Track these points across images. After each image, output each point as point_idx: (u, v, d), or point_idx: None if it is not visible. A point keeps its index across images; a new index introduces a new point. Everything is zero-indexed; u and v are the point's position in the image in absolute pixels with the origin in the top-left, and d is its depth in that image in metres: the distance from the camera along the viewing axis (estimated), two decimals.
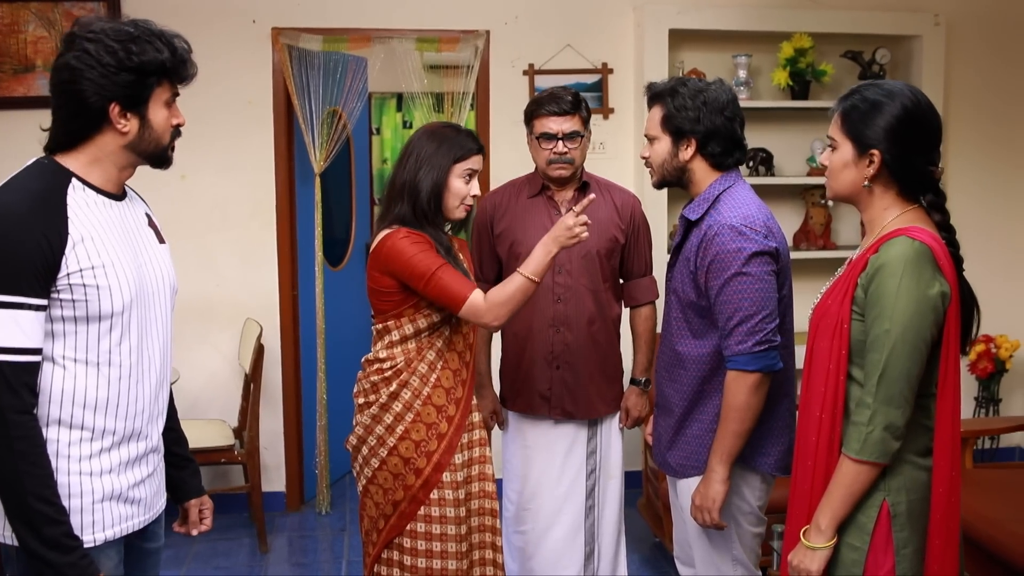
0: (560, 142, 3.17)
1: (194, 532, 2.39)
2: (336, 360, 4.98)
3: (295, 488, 5.02)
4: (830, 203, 5.04)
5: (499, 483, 3.51)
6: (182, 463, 2.34)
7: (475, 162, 2.80)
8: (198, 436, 4.42)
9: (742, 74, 4.90)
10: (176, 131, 2.09)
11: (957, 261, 2.08)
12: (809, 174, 5.07)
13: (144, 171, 2.16)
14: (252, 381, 4.47)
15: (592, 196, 2.72)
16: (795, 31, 4.85)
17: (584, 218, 2.64)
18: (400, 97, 7.66)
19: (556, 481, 3.34)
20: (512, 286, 2.66)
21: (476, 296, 2.67)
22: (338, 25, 4.75)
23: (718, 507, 2.60)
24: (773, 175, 5.03)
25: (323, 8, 4.77)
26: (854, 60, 5.00)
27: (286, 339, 4.90)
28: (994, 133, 5.27)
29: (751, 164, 4.96)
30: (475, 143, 2.81)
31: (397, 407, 2.79)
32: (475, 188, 2.81)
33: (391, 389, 2.79)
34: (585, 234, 2.65)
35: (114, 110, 1.96)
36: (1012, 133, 5.29)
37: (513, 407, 3.41)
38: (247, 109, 4.77)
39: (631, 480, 4.22)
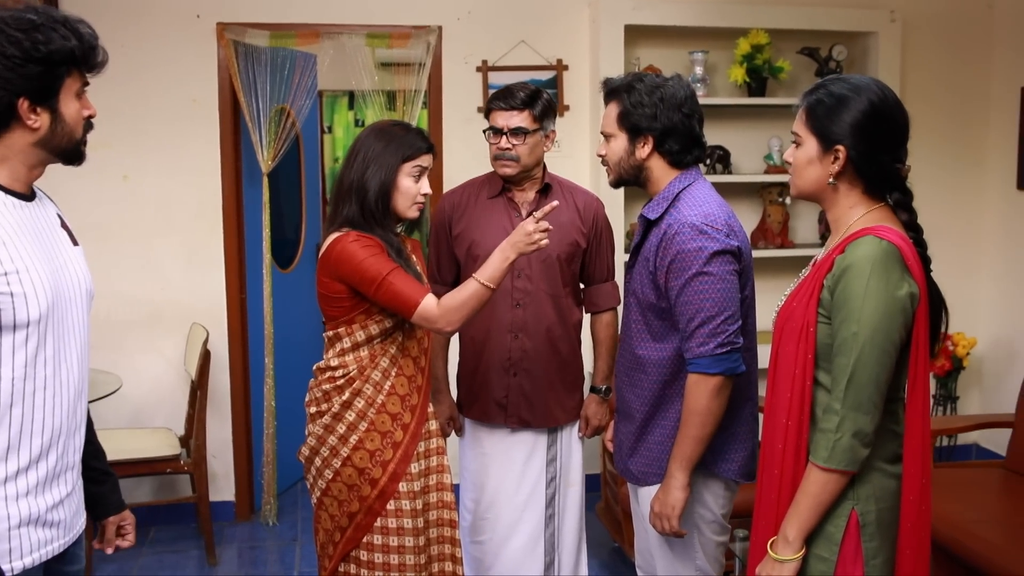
0: (504, 137, 3.08)
1: (109, 550, 2.25)
2: (285, 365, 4.85)
3: (244, 498, 4.88)
4: (788, 201, 5.02)
5: (457, 492, 3.42)
6: (101, 477, 2.20)
7: (425, 160, 2.71)
8: (143, 445, 4.32)
9: (698, 71, 4.84)
10: (88, 123, 1.96)
11: (925, 261, 2.01)
12: (767, 172, 5.03)
13: (85, 172, 2.03)
14: (198, 388, 4.33)
15: (555, 203, 2.66)
16: (751, 27, 4.81)
17: (545, 224, 2.57)
18: (352, 95, 7.54)
19: (515, 490, 3.24)
20: (466, 292, 2.58)
21: (428, 301, 2.58)
22: (286, 20, 4.62)
23: (677, 514, 2.51)
24: (730, 173, 4.98)
25: (270, 3, 4.63)
26: (811, 57, 4.97)
27: (234, 344, 4.76)
28: (949, 129, 5.26)
29: (708, 162, 4.90)
30: (424, 141, 2.72)
31: (350, 416, 2.69)
32: (425, 187, 2.72)
33: (344, 398, 2.69)
34: (545, 241, 2.57)
35: (23, 105, 1.83)
36: (967, 129, 5.30)
37: (469, 414, 3.31)
38: (191, 107, 4.63)
39: (590, 484, 4.12)
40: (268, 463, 4.81)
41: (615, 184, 2.71)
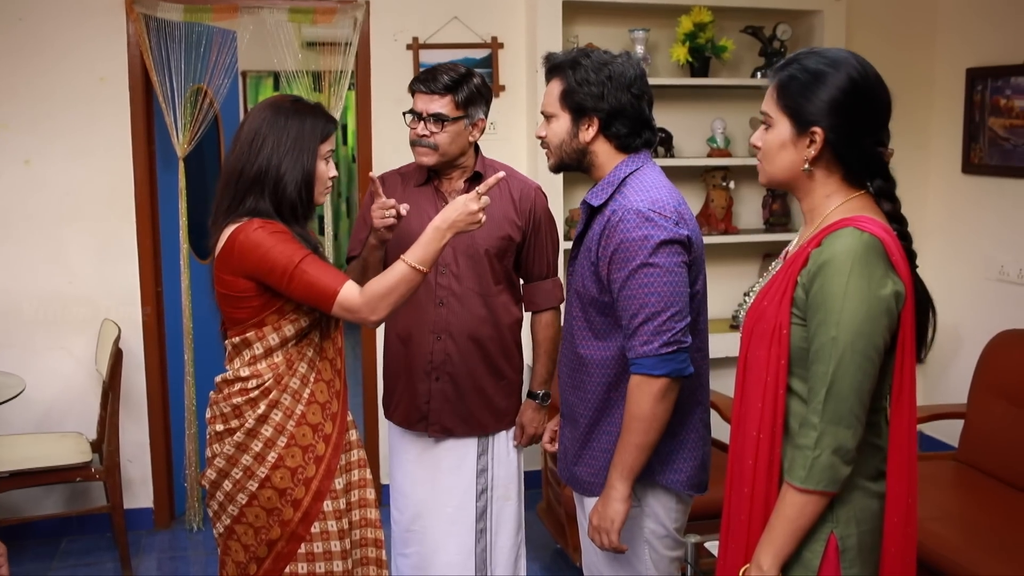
0: (422, 123, 2.83)
1: None
2: (205, 362, 4.55)
3: (164, 504, 4.58)
4: (731, 185, 4.86)
5: (388, 497, 3.19)
6: None
7: (333, 141, 2.47)
8: (50, 452, 4.03)
9: (639, 49, 4.63)
10: None
11: (910, 255, 1.82)
12: (710, 155, 4.85)
13: None
14: (110, 389, 4.03)
15: (501, 174, 2.42)
16: (694, 4, 4.61)
17: (487, 200, 2.33)
18: (277, 76, 7.23)
19: (443, 501, 3.00)
20: (393, 276, 2.30)
21: (349, 289, 2.29)
22: None
23: (617, 528, 2.29)
24: (672, 156, 4.79)
25: None
26: (754, 36, 4.80)
27: (149, 341, 4.46)
28: (893, 111, 5.11)
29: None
30: (332, 119, 2.47)
31: (267, 431, 2.41)
32: (333, 170, 2.48)
33: (259, 411, 2.40)
34: (484, 218, 2.34)
35: None
36: (911, 111, 5.18)
37: (392, 418, 3.07)
38: (99, 87, 4.30)
39: (530, 481, 3.92)
40: (191, 464, 4.53)
41: (555, 169, 2.49)
